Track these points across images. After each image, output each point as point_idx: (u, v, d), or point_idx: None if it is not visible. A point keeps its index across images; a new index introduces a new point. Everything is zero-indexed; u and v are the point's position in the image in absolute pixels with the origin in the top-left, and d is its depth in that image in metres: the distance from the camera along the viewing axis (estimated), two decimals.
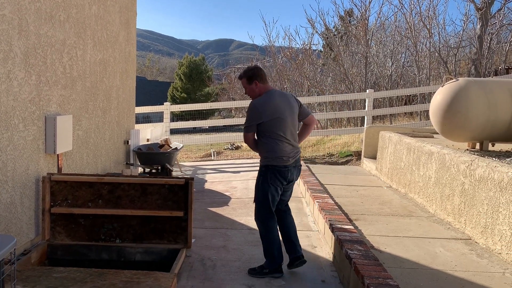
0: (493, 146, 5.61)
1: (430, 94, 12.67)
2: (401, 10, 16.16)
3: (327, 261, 3.95)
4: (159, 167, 6.91)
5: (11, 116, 3.55)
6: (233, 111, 20.96)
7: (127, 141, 6.92)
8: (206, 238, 4.48)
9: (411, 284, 2.95)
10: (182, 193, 4.08)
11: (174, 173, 7.58)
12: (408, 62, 17.03)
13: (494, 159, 3.99)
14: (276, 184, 3.57)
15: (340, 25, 20.53)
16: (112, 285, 3.10)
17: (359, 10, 17.14)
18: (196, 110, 14.22)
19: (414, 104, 13.43)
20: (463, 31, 15.67)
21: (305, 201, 5.90)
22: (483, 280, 3.04)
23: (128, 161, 6.95)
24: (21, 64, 3.66)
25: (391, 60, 16.17)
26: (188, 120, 13.72)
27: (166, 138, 8.19)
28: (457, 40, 15.70)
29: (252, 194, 4.32)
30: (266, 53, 21.85)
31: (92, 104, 5.32)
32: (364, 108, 10.70)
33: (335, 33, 19.69)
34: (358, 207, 5.00)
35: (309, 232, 4.72)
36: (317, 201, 4.98)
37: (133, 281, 3.17)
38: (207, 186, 7.07)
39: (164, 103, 10.81)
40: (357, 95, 12.36)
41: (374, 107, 11.52)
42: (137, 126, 8.31)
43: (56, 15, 4.25)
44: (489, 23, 14.28)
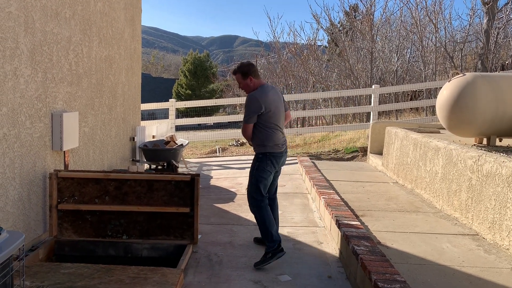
0: (501, 141, 5.56)
1: (436, 90, 12.61)
2: (407, 5, 16.08)
3: (334, 257, 3.95)
4: (165, 164, 6.93)
5: (18, 113, 3.56)
6: (238, 108, 20.96)
7: (133, 138, 6.93)
8: (212, 234, 4.49)
9: (418, 280, 2.94)
10: (188, 190, 4.08)
11: (180, 170, 7.60)
12: (414, 58, 16.93)
13: (502, 154, 3.95)
14: (271, 170, 3.91)
15: (346, 20, 20.45)
16: (120, 281, 3.11)
17: (365, 5, 17.04)
18: (201, 107, 14.23)
19: (420, 100, 13.36)
20: (470, 26, 15.55)
21: (311, 197, 5.89)
22: (491, 276, 3.03)
23: (134, 158, 6.98)
24: (28, 61, 3.67)
25: (397, 56, 16.08)
26: (193, 117, 13.74)
27: (172, 135, 8.21)
28: (464, 35, 15.59)
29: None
30: (271, 49, 21.79)
31: (98, 101, 5.33)
32: (370, 104, 10.66)
33: (340, 29, 19.62)
34: (365, 203, 4.99)
35: (315, 228, 4.72)
36: (323, 197, 4.97)
37: (140, 277, 3.18)
38: (213, 183, 7.08)
39: (170, 100, 10.83)
40: (363, 91, 12.31)
41: (380, 103, 11.47)
42: (143, 123, 8.33)
43: (62, 12, 4.26)
44: (496, 18, 14.14)
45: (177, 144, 7.62)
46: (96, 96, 5.26)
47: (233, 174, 7.70)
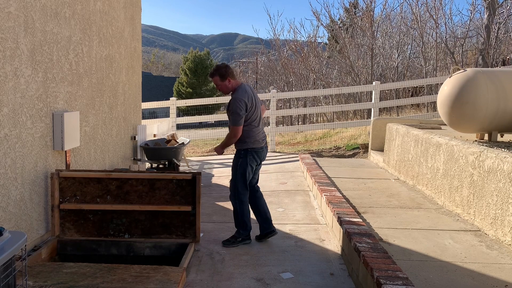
0: (502, 137, 5.56)
1: (437, 86, 12.58)
2: (407, 1, 16.01)
3: (336, 254, 3.95)
4: (166, 162, 6.93)
5: (19, 114, 3.57)
6: None
7: (134, 137, 6.94)
8: (215, 232, 4.50)
9: (421, 276, 2.94)
10: (190, 188, 4.09)
11: (181, 168, 7.60)
12: (415, 54, 16.89)
13: (504, 150, 3.95)
14: (253, 164, 4.14)
15: (346, 17, 20.40)
16: (122, 280, 3.12)
17: (365, 2, 17.01)
18: (202, 105, 14.19)
19: (421, 96, 13.33)
20: (470, 21, 15.51)
21: (313, 194, 5.89)
22: (493, 272, 3.03)
23: (136, 157, 6.98)
24: (28, 61, 3.67)
25: (397, 52, 16.05)
26: (194, 115, 13.73)
27: (173, 133, 8.21)
28: (464, 30, 15.55)
29: (260, 188, 4.38)
30: (271, 47, 21.78)
31: (99, 100, 5.33)
32: (371, 101, 10.64)
33: (341, 25, 19.57)
34: (366, 200, 4.99)
35: (317, 225, 4.72)
36: (325, 194, 4.97)
37: (143, 276, 3.19)
38: (214, 181, 7.09)
39: (170, 98, 10.82)
40: (364, 87, 12.29)
41: (381, 99, 11.45)
42: (144, 122, 8.33)
43: (62, 12, 4.26)
44: (497, 13, 14.09)
45: (178, 143, 7.62)
46: (97, 96, 5.26)
47: None
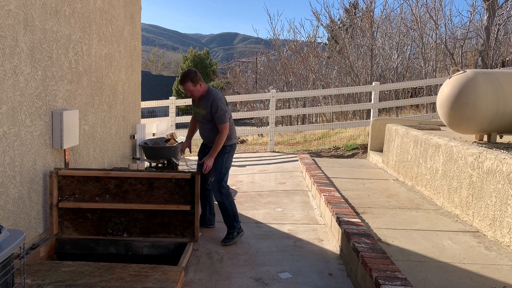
0: (501, 138, 5.56)
1: (437, 87, 12.58)
2: (407, 2, 16.03)
3: (334, 254, 3.95)
4: (165, 161, 6.92)
5: (18, 111, 3.56)
6: (238, 105, 20.96)
7: (133, 136, 6.93)
8: (213, 232, 4.49)
9: (419, 277, 2.94)
10: (189, 187, 4.08)
11: (180, 167, 7.59)
12: (414, 54, 16.90)
13: (503, 151, 3.95)
14: (232, 158, 4.41)
15: (346, 17, 20.39)
16: (120, 279, 3.12)
17: (365, 2, 17.01)
18: None
19: (420, 97, 13.33)
20: (470, 22, 15.51)
21: (312, 194, 5.89)
22: (492, 273, 3.03)
23: (135, 156, 6.97)
24: (27, 59, 3.66)
25: (397, 52, 16.05)
26: None
27: (172, 133, 8.20)
28: (464, 32, 15.55)
29: (259, 188, 4.40)
30: (271, 46, 21.75)
31: (98, 99, 5.33)
32: (370, 101, 10.65)
33: (340, 26, 19.56)
34: (365, 200, 4.99)
35: (316, 226, 4.72)
36: (324, 194, 4.97)
37: (141, 275, 3.18)
38: None
39: (170, 98, 10.81)
40: (363, 88, 12.29)
41: (380, 100, 11.45)
42: (143, 121, 8.32)
43: (61, 10, 4.25)
44: (497, 14, 14.10)
45: (178, 142, 7.61)
46: (96, 94, 5.26)
47: (233, 172, 7.70)
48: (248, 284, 3.34)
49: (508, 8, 14.64)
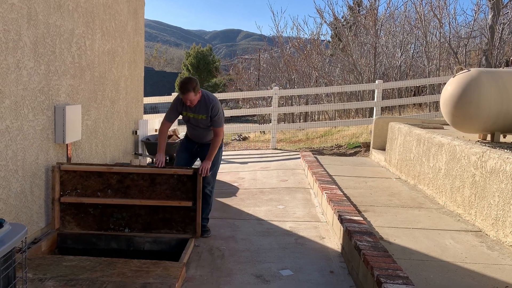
0: (505, 138, 5.54)
1: (440, 85, 12.54)
2: (411, 0, 15.95)
3: (336, 252, 3.94)
4: (167, 157, 6.92)
5: (21, 106, 3.56)
6: (241, 102, 20.94)
7: (136, 131, 6.93)
8: (215, 228, 4.49)
9: (421, 276, 2.93)
10: (191, 183, 4.08)
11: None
12: (418, 53, 16.83)
13: (506, 151, 3.93)
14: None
15: (349, 15, 20.32)
16: (122, 274, 3.12)
17: (369, 0, 16.93)
18: None
19: (424, 95, 13.29)
20: (474, 21, 15.43)
21: (313, 192, 5.88)
22: (494, 272, 3.02)
23: (137, 151, 6.97)
24: (30, 54, 3.66)
25: (401, 51, 15.99)
26: None
27: (174, 129, 8.18)
28: (468, 31, 15.47)
29: (261, 185, 4.40)
30: (274, 44, 21.72)
31: (101, 94, 5.32)
32: (373, 99, 10.62)
33: (344, 23, 19.49)
34: (367, 199, 4.98)
35: (317, 223, 4.71)
36: (326, 192, 4.96)
37: (143, 270, 3.19)
38: None
39: (172, 94, 10.80)
40: (366, 86, 12.24)
41: (383, 98, 11.41)
42: (145, 117, 8.31)
43: (65, 5, 4.24)
44: (501, 13, 14.02)
45: (180, 138, 7.61)
46: (99, 89, 5.25)
47: (236, 169, 7.70)
48: (249, 281, 3.34)
49: None
